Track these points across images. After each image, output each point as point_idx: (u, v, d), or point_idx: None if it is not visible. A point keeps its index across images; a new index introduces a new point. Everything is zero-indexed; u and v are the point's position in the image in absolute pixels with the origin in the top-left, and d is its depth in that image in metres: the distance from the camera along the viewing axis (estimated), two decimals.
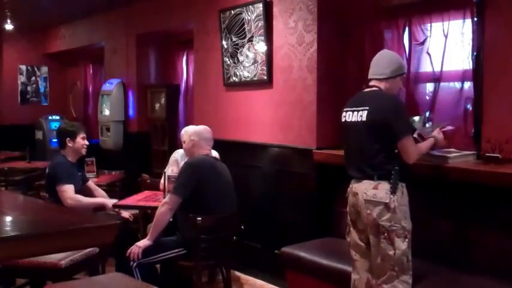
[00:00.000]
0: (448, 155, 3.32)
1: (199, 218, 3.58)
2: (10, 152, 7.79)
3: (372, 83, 3.17)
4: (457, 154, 3.39)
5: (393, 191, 2.97)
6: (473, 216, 3.32)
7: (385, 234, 2.99)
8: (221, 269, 4.07)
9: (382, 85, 3.13)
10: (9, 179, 6.41)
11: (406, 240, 2.99)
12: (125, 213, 4.38)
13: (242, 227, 4.27)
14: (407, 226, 3.01)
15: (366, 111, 3.06)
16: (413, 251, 3.08)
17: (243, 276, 4.76)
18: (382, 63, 3.16)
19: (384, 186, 2.99)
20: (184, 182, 3.74)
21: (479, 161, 3.35)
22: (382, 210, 2.99)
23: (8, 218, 2.33)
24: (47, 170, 4.26)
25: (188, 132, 4.09)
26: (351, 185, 3.18)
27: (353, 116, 3.14)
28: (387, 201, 2.97)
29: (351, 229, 3.22)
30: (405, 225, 3.00)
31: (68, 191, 4.12)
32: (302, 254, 3.72)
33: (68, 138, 4.27)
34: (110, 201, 4.36)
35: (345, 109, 3.22)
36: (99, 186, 4.88)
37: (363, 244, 3.16)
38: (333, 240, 4.00)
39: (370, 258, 3.11)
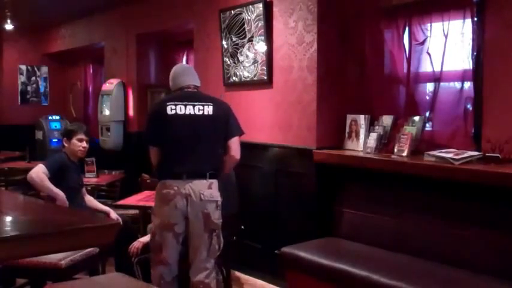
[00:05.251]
0: (456, 157, 3.29)
1: None
2: (10, 152, 7.79)
3: (192, 88, 3.58)
4: (464, 155, 3.31)
5: None
6: (473, 216, 3.32)
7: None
8: (221, 269, 4.07)
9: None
10: (9, 179, 6.41)
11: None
12: (113, 215, 4.31)
13: (242, 227, 4.26)
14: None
15: (212, 107, 3.48)
16: (413, 250, 3.07)
17: (243, 276, 4.75)
18: (194, 74, 3.66)
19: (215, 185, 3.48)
20: None
21: (480, 161, 3.34)
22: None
23: (8, 218, 2.33)
24: None
25: None
26: (177, 185, 3.36)
27: (186, 109, 3.42)
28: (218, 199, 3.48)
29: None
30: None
31: (38, 168, 4.09)
32: (302, 254, 3.71)
33: (65, 138, 4.32)
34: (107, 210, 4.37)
35: (169, 103, 3.44)
36: (99, 186, 4.87)
37: None
38: (333, 240, 4.00)
39: None
